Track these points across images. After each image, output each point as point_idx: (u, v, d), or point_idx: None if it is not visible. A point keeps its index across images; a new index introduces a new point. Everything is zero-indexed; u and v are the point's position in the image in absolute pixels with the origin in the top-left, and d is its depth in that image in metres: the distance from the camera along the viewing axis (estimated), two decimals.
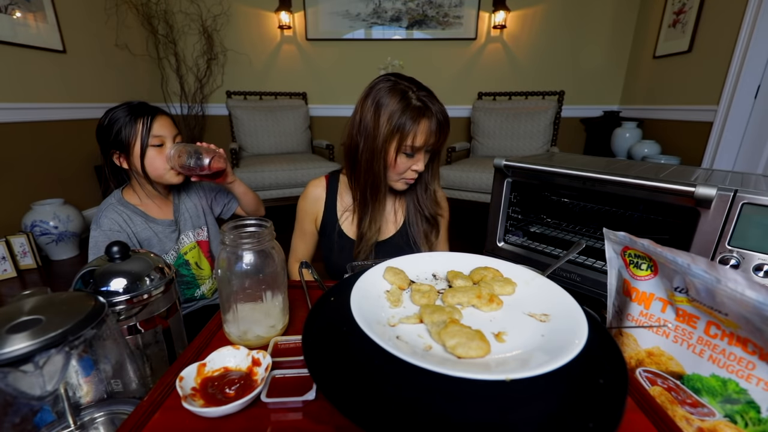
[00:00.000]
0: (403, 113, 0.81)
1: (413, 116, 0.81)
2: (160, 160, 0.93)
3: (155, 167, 0.94)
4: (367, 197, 0.91)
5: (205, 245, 1.08)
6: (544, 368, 0.32)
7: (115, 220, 0.93)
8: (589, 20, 3.14)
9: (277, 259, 0.54)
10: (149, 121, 0.91)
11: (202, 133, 3.54)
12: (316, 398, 0.42)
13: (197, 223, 1.07)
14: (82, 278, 0.56)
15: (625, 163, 1.17)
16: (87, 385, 0.47)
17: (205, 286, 1.08)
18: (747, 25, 2.05)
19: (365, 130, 0.85)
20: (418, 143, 0.83)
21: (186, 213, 1.05)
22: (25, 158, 2.19)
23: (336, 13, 3.23)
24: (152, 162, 0.93)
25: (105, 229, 0.92)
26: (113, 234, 0.92)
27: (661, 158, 2.43)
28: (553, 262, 0.70)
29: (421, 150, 0.86)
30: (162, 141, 0.94)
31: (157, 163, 0.94)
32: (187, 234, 1.04)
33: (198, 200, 1.08)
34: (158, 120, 0.93)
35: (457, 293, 0.47)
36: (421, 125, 0.82)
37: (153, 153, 0.93)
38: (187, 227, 1.04)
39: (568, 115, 3.19)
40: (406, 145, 0.83)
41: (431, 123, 0.82)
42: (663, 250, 0.47)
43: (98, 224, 0.93)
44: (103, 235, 0.92)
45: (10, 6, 2.07)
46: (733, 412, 0.42)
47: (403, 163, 0.86)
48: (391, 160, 0.85)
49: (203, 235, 1.08)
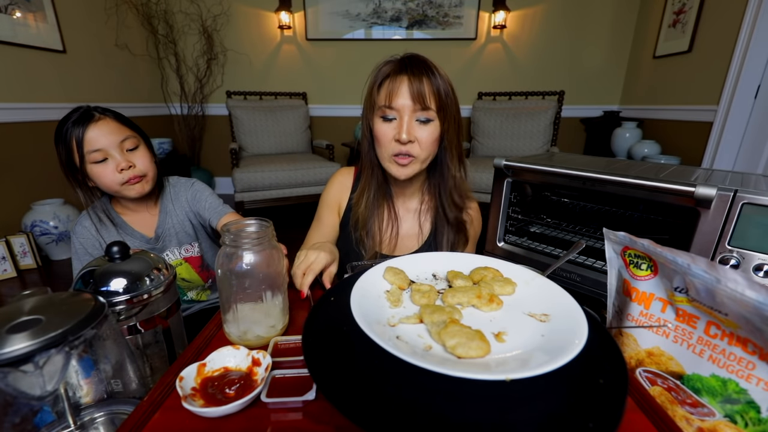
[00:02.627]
0: (378, 70, 0.77)
1: (386, 71, 0.76)
2: (108, 174, 0.84)
3: (105, 183, 0.85)
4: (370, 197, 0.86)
5: (195, 261, 1.02)
6: (544, 368, 0.32)
7: (87, 228, 0.90)
8: (589, 20, 3.14)
9: (277, 259, 0.54)
10: (81, 134, 0.80)
11: (202, 133, 3.55)
12: (316, 398, 0.42)
13: (184, 240, 1.00)
14: (82, 278, 0.56)
15: (625, 163, 1.17)
16: (87, 385, 0.47)
17: (192, 292, 1.04)
18: (747, 25, 2.05)
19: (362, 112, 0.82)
20: (392, 102, 0.74)
21: (171, 229, 0.98)
22: (26, 158, 2.19)
23: (336, 13, 3.23)
24: (99, 179, 0.84)
25: (78, 236, 0.90)
26: (86, 241, 0.90)
27: (661, 158, 2.43)
28: (553, 262, 0.70)
29: (401, 114, 0.75)
30: (104, 155, 0.83)
31: (104, 179, 0.84)
32: (172, 251, 0.98)
33: (185, 216, 1.01)
34: (92, 130, 0.81)
35: (457, 293, 0.47)
36: (394, 82, 0.74)
37: (97, 170, 0.83)
38: (172, 244, 0.98)
39: (568, 115, 3.19)
40: (381, 106, 0.76)
41: (409, 82, 0.74)
42: (663, 250, 0.47)
43: (74, 230, 0.91)
44: (78, 243, 0.90)
45: (10, 6, 2.07)
46: (733, 412, 0.42)
47: (383, 131, 0.77)
48: (375, 131, 0.79)
49: (192, 251, 1.02)
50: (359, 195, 0.88)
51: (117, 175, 0.84)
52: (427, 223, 0.91)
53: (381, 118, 0.78)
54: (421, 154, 0.79)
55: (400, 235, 0.91)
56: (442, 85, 0.75)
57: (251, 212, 2.84)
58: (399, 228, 0.91)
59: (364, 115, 0.82)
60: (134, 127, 0.91)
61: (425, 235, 0.91)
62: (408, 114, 0.75)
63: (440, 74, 0.76)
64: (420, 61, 0.76)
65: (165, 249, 0.98)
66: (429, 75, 0.74)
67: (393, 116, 0.77)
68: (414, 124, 0.76)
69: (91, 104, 0.86)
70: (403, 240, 0.92)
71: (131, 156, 0.87)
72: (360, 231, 0.88)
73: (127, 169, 0.85)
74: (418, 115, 0.76)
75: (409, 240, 0.92)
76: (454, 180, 0.85)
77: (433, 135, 0.78)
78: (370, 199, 0.87)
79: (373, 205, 0.87)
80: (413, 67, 0.75)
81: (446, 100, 0.76)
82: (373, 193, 0.87)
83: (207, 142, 3.60)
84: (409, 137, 0.75)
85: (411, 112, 0.75)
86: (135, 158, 0.87)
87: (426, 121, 0.76)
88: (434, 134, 0.78)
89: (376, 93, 0.77)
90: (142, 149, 0.90)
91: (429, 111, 0.75)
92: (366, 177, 0.87)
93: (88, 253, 0.91)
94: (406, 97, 0.74)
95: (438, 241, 0.89)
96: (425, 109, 0.75)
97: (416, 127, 0.76)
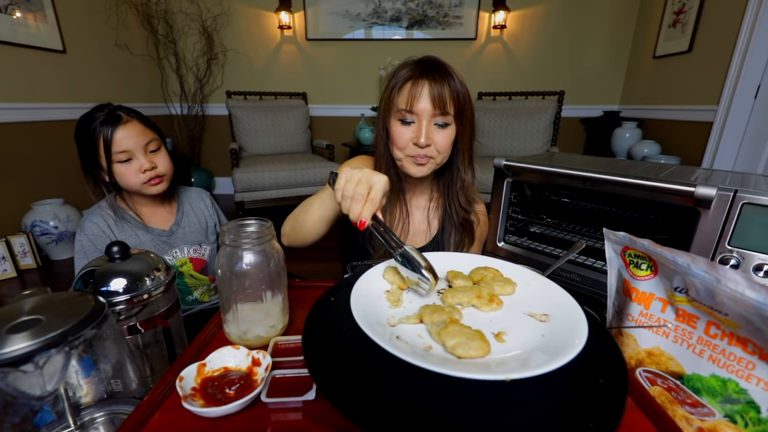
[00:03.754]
0: (397, 72, 0.78)
1: (406, 75, 0.77)
2: (132, 174, 0.87)
3: (127, 183, 0.89)
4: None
5: (198, 263, 1.03)
6: (544, 368, 0.32)
7: (98, 225, 0.91)
8: (589, 20, 3.14)
9: (277, 259, 0.54)
10: (110, 135, 0.83)
11: (202, 133, 3.55)
12: (316, 398, 0.42)
13: (197, 239, 1.03)
14: (82, 278, 0.56)
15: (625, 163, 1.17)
16: (87, 385, 0.47)
17: (198, 291, 1.05)
18: (747, 25, 2.05)
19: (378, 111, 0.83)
20: (413, 106, 0.75)
21: (187, 227, 1.01)
22: (26, 158, 2.19)
23: (336, 13, 3.23)
24: (122, 178, 0.88)
25: (88, 233, 0.90)
26: (96, 238, 0.90)
27: (661, 158, 2.43)
28: (553, 262, 0.70)
29: (420, 118, 0.77)
30: (129, 156, 0.87)
31: (127, 178, 0.88)
32: (181, 248, 1.00)
33: (206, 219, 1.05)
34: (120, 132, 0.85)
35: (457, 293, 0.47)
36: (416, 86, 0.75)
37: (121, 169, 0.87)
38: (184, 242, 1.01)
39: (568, 115, 3.19)
40: (400, 109, 0.77)
41: (430, 86, 0.74)
42: (663, 250, 0.47)
43: (82, 228, 0.91)
44: (86, 239, 0.90)
45: (10, 6, 2.07)
46: (733, 412, 0.42)
47: (401, 133, 0.78)
48: (393, 133, 0.79)
49: (201, 253, 1.03)
50: None
51: (140, 176, 0.88)
52: (435, 220, 0.92)
53: (399, 121, 0.78)
54: (438, 156, 0.80)
55: (410, 232, 0.92)
56: (460, 90, 0.76)
57: (251, 212, 2.84)
58: (410, 224, 0.92)
59: (380, 116, 0.83)
60: (155, 128, 0.94)
61: (433, 233, 0.92)
62: (427, 118, 0.76)
63: (458, 78, 0.77)
64: (440, 66, 0.77)
65: (175, 246, 1.00)
66: (449, 80, 0.75)
67: (412, 120, 0.78)
68: (432, 128, 0.77)
69: (114, 103, 0.89)
70: (412, 236, 0.93)
71: (154, 157, 0.91)
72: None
73: (150, 170, 0.89)
74: (437, 120, 0.77)
75: (418, 236, 0.93)
76: (462, 182, 0.87)
77: (450, 138, 0.79)
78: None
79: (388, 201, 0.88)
80: (434, 71, 0.76)
81: (464, 105, 0.78)
82: None
83: (207, 142, 3.60)
84: (427, 141, 0.76)
85: (430, 117, 0.76)
86: (157, 159, 0.91)
87: (444, 125, 0.78)
88: (450, 137, 0.79)
89: (396, 96, 0.78)
90: (163, 150, 0.94)
91: (448, 116, 0.77)
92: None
93: (97, 250, 0.91)
94: (427, 101, 0.75)
95: (445, 239, 0.90)
96: (444, 114, 0.76)
97: (434, 131, 0.77)
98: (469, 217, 0.90)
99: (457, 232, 0.89)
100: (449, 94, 0.75)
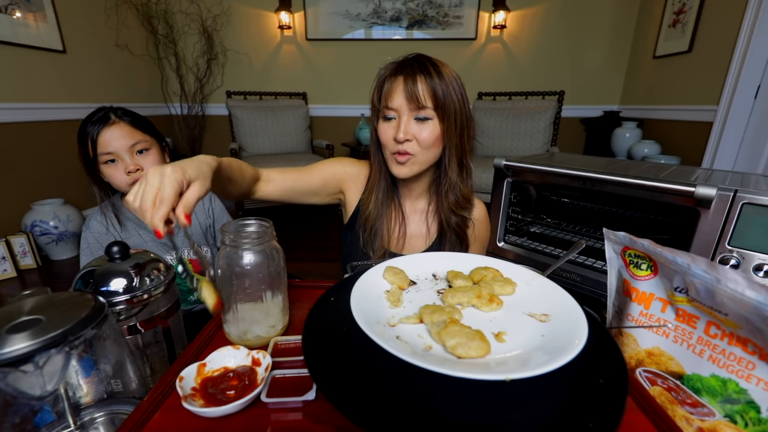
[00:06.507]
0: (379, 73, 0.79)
1: (385, 73, 0.78)
2: (118, 175, 0.87)
3: (115, 183, 0.89)
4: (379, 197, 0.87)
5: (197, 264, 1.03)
6: (544, 368, 0.32)
7: (102, 223, 0.92)
8: (589, 20, 3.14)
9: (277, 259, 0.54)
10: (95, 136, 0.84)
11: (202, 133, 3.55)
12: (316, 398, 0.42)
13: (198, 240, 1.03)
14: (82, 278, 0.56)
15: (625, 163, 1.17)
16: (87, 385, 0.47)
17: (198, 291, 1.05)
18: (747, 25, 2.05)
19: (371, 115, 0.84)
20: (388, 102, 0.76)
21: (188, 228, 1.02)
22: (25, 158, 2.20)
23: (336, 13, 3.23)
24: (110, 179, 0.89)
25: (93, 231, 0.91)
26: (100, 236, 0.91)
27: (661, 158, 2.43)
28: (553, 262, 0.70)
29: (399, 114, 0.77)
30: (114, 157, 0.86)
31: (114, 179, 0.88)
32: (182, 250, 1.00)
33: (204, 219, 1.05)
34: (105, 133, 0.85)
35: (457, 293, 0.47)
36: (390, 82, 0.76)
37: (107, 170, 0.87)
38: (185, 243, 1.00)
39: (568, 115, 3.19)
40: (383, 106, 0.78)
41: (404, 81, 0.75)
42: (663, 250, 0.47)
43: (88, 226, 0.92)
44: (91, 237, 0.91)
45: (10, 6, 2.07)
46: (733, 412, 0.42)
47: (383, 131, 0.79)
48: (378, 132, 0.81)
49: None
50: (368, 195, 0.89)
51: (125, 177, 0.87)
52: (434, 224, 0.91)
53: (382, 119, 0.80)
54: (421, 153, 0.78)
55: (408, 235, 0.91)
56: (439, 84, 0.75)
57: (251, 212, 2.84)
58: (407, 228, 0.91)
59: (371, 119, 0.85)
60: (150, 130, 0.93)
61: (432, 237, 0.91)
62: (406, 113, 0.76)
63: (442, 73, 0.76)
64: (418, 61, 0.77)
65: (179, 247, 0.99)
66: (425, 74, 0.75)
67: (392, 116, 0.78)
68: (412, 122, 0.77)
69: (113, 105, 0.89)
70: (411, 240, 0.92)
71: (141, 159, 0.90)
72: (368, 231, 0.88)
73: (134, 171, 0.88)
74: (417, 114, 0.77)
75: (417, 240, 0.92)
76: (450, 183, 0.84)
77: (434, 134, 0.77)
78: (378, 199, 0.88)
79: (382, 205, 0.88)
80: (408, 67, 0.76)
81: (444, 100, 0.76)
82: (381, 193, 0.88)
83: (207, 142, 3.60)
84: (405, 136, 0.76)
85: (408, 111, 0.76)
86: (145, 161, 0.90)
87: (424, 119, 0.77)
88: (434, 133, 0.77)
89: (376, 95, 0.80)
90: (154, 152, 0.93)
91: (426, 110, 0.76)
92: (374, 178, 0.88)
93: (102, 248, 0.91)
94: (401, 96, 0.75)
95: (443, 243, 0.89)
96: (421, 108, 0.75)
97: (415, 126, 0.77)
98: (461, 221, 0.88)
99: (453, 236, 0.88)
100: (425, 88, 0.74)
